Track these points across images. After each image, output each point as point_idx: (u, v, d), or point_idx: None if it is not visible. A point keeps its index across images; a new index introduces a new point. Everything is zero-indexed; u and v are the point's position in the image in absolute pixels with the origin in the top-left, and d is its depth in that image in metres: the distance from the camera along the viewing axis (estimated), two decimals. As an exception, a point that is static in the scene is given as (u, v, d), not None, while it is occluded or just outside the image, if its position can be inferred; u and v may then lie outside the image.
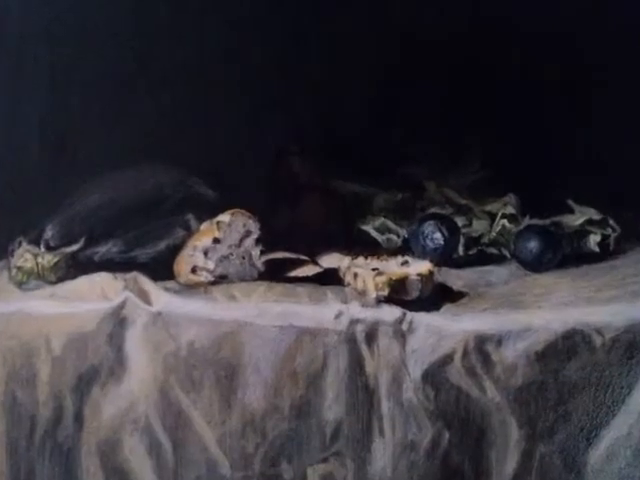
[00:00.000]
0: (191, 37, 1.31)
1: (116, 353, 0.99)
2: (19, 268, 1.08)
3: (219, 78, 1.33)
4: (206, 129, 1.31)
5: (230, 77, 1.33)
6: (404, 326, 0.97)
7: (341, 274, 1.06)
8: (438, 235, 1.16)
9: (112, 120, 1.28)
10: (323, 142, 1.32)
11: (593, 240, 1.20)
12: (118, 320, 0.99)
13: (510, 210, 1.22)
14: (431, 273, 1.02)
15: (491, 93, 1.34)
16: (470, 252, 1.20)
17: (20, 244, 1.09)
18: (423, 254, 1.14)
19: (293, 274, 1.09)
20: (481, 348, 0.96)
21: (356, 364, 0.97)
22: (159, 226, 1.13)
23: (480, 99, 1.34)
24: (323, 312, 0.99)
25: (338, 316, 0.98)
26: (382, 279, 1.00)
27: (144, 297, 1.00)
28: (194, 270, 1.08)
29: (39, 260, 1.08)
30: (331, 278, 1.07)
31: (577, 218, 1.21)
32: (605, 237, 1.20)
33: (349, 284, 1.04)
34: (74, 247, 1.09)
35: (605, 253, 1.20)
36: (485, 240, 1.22)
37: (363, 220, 1.25)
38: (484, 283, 1.10)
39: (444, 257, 1.15)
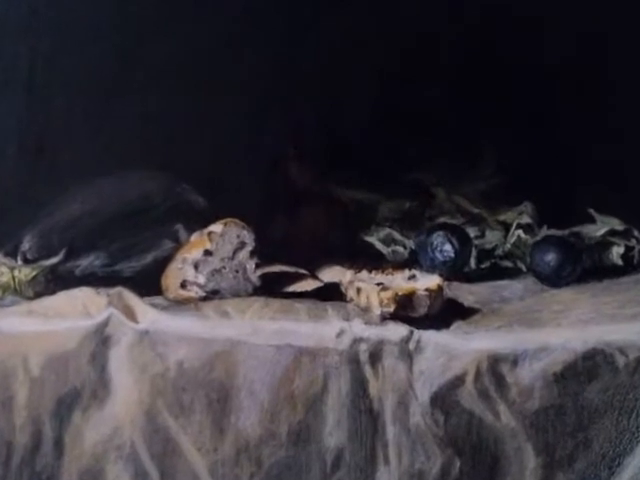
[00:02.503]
0: (181, 33, 1.31)
1: (99, 374, 0.99)
2: (-6, 282, 1.08)
3: (212, 78, 1.33)
4: (197, 132, 1.31)
5: (224, 77, 1.33)
6: (411, 345, 0.97)
7: (343, 289, 1.07)
8: (448, 247, 1.16)
9: (95, 123, 1.28)
10: (323, 146, 1.33)
11: (616, 252, 1.20)
12: (101, 339, 0.99)
13: (526, 220, 1.23)
14: (440, 288, 1.02)
15: (506, 93, 1.34)
16: (483, 265, 1.21)
17: (-5, 256, 1.09)
18: (432, 267, 1.15)
19: (291, 289, 1.09)
20: (495, 369, 0.96)
21: (359, 386, 0.97)
22: (146, 237, 1.13)
23: (494, 99, 1.34)
24: (323, 330, 0.99)
25: (340, 334, 0.98)
26: (387, 294, 1.00)
27: (129, 314, 1.01)
28: (184, 285, 1.08)
29: (16, 274, 1.08)
30: (332, 293, 1.08)
31: (599, 228, 1.21)
32: (629, 249, 1.21)
33: (352, 300, 1.04)
34: (54, 260, 1.10)
35: (629, 266, 1.20)
36: (499, 252, 1.22)
37: (367, 230, 1.26)
38: (498, 299, 1.10)
39: (454, 270, 1.16)
